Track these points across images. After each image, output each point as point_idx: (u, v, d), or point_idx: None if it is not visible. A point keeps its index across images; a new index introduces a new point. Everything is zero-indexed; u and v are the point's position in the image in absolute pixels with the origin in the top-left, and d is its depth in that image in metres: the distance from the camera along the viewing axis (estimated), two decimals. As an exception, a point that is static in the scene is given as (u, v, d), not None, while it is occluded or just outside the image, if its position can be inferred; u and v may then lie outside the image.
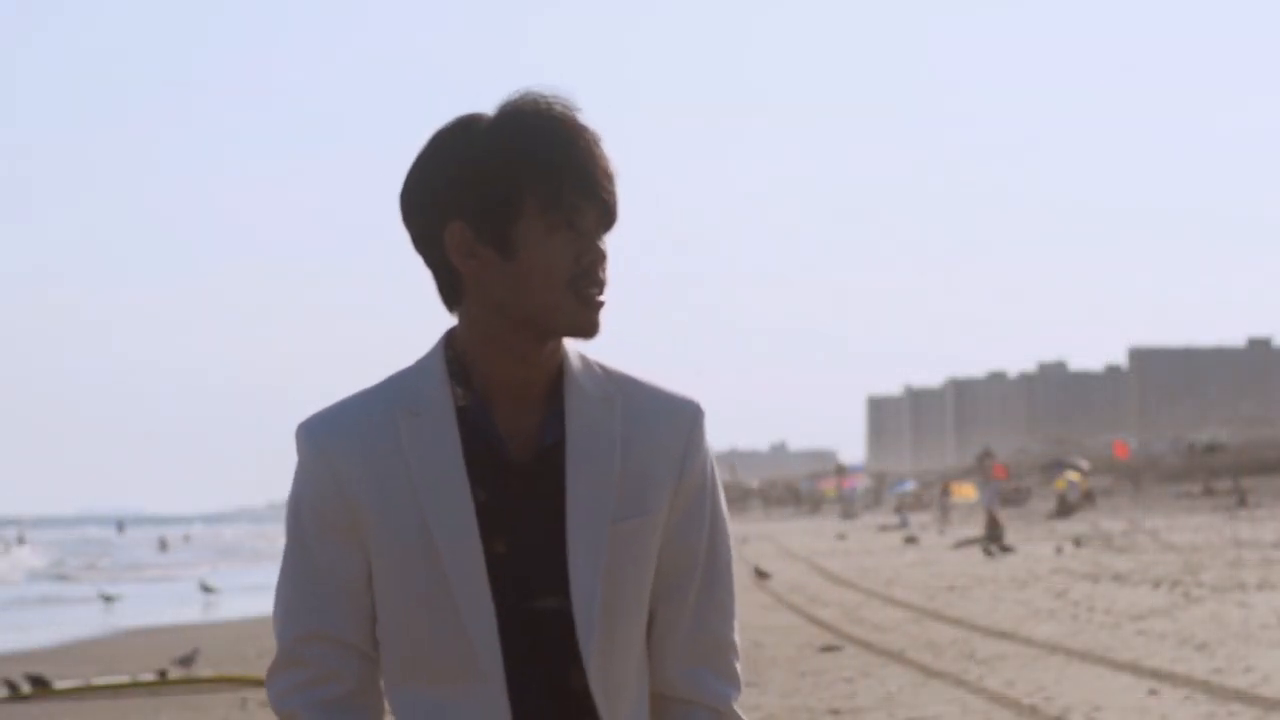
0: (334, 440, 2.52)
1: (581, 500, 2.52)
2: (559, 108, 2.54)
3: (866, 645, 18.10)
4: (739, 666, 2.64)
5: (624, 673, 2.54)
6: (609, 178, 2.54)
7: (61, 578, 53.76)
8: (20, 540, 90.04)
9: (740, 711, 2.62)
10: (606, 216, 2.53)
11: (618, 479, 2.53)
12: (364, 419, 2.52)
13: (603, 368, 2.58)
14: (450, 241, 2.50)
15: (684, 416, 2.59)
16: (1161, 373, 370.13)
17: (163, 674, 17.40)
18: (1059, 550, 38.56)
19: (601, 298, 2.51)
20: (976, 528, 52.65)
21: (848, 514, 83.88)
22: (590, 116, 2.57)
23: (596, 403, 2.55)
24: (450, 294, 2.55)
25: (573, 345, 2.57)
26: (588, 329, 2.51)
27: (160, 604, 35.65)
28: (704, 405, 2.62)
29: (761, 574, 32.53)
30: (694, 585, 2.60)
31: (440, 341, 2.58)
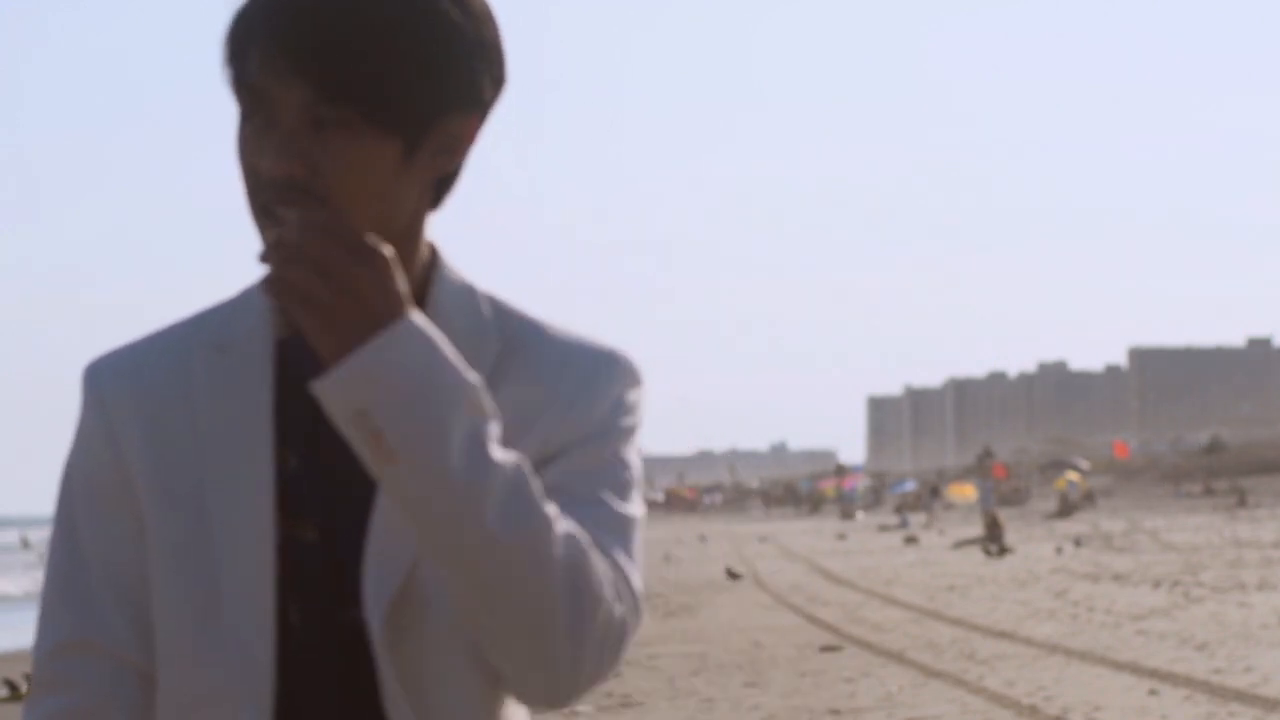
0: (113, 385, 1.86)
1: None
2: None
3: (866, 645, 18.10)
4: (635, 580, 1.73)
5: (459, 702, 1.79)
6: (328, 33, 1.70)
7: None
8: (25, 544, 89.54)
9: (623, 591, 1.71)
10: (324, 94, 1.70)
11: None
12: (157, 357, 1.86)
13: (496, 304, 1.85)
14: None
15: (586, 366, 1.82)
16: (1161, 373, 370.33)
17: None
18: (1059, 550, 38.58)
19: (288, 214, 1.68)
20: (974, 528, 52.66)
21: (847, 514, 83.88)
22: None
23: (462, 339, 1.78)
24: None
25: (456, 269, 1.85)
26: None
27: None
28: (634, 362, 1.85)
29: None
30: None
31: None
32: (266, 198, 1.72)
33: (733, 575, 32.54)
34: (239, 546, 1.78)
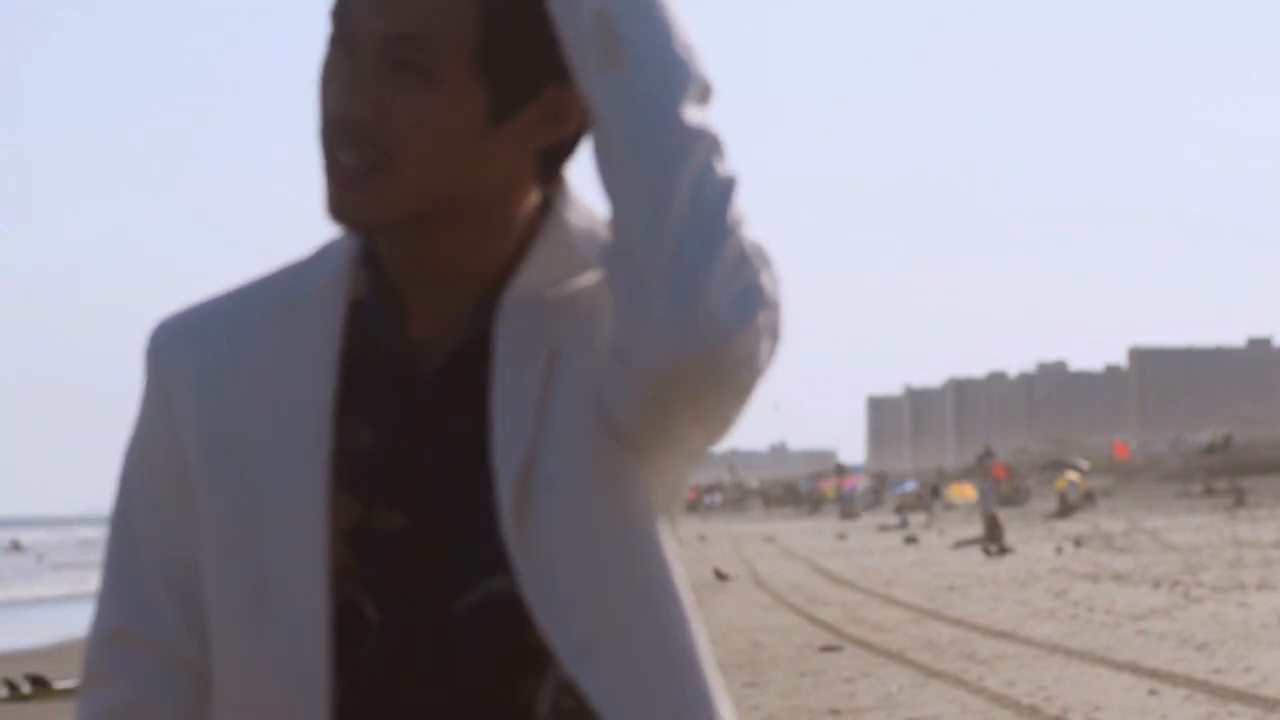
0: (172, 349, 1.68)
1: (509, 425, 1.59)
2: None
3: (866, 645, 18.10)
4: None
5: (590, 581, 1.60)
6: None
7: None
8: (17, 547, 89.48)
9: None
10: (409, 34, 1.56)
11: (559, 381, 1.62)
12: (222, 316, 1.68)
13: None
14: None
15: None
16: (1161, 373, 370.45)
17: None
18: (1059, 550, 38.59)
19: (351, 159, 1.56)
20: (974, 528, 52.66)
21: (848, 514, 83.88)
22: None
23: (571, 278, 1.63)
24: None
25: (561, 224, 1.64)
26: (331, 208, 1.58)
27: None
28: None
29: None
30: None
31: None
32: (328, 138, 1.58)
33: (720, 576, 32.45)
34: (286, 530, 1.59)
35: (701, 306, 1.47)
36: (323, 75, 1.58)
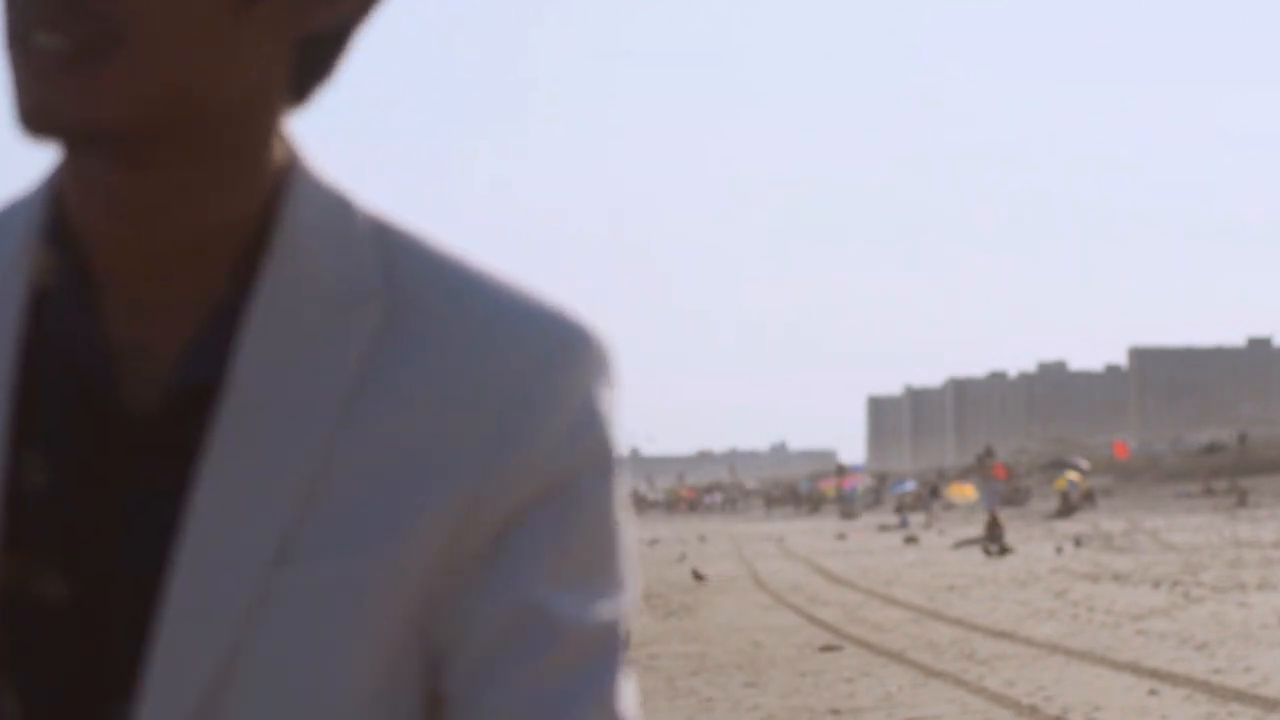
0: None
1: (213, 512, 1.10)
2: None
3: (866, 645, 18.11)
4: None
5: None
6: None
7: None
8: None
9: None
10: None
11: (315, 474, 1.10)
12: None
13: (384, 233, 1.16)
14: None
15: (526, 347, 1.13)
16: (1161, 373, 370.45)
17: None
18: (1059, 550, 38.61)
19: (56, 41, 1.07)
20: (974, 528, 52.65)
21: (848, 514, 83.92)
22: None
23: (324, 308, 1.13)
24: None
25: (325, 178, 1.16)
26: (24, 111, 1.09)
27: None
28: (600, 339, 1.15)
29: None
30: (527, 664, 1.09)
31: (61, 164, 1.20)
32: (25, 19, 1.09)
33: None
34: None
35: None
36: None
